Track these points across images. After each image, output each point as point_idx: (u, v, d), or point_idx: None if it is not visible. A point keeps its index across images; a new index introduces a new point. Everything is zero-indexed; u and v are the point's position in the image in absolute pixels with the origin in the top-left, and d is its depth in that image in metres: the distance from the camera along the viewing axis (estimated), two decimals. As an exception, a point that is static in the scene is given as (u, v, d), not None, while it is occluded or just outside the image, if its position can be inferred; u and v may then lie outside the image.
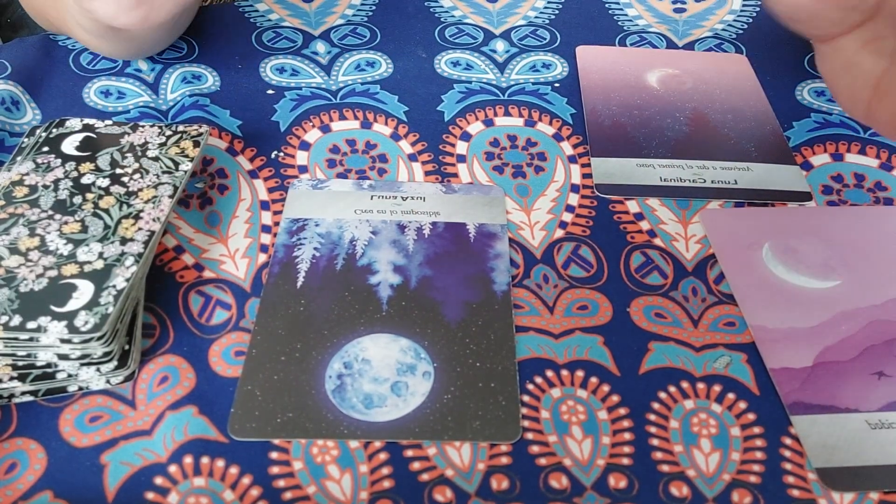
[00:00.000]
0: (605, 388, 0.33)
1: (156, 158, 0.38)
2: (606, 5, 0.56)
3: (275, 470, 0.30)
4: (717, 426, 0.32)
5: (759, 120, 0.47)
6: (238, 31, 0.51)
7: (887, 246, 0.39)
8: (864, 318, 0.36)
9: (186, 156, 0.38)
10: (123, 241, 0.33)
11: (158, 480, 0.30)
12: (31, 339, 0.30)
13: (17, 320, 0.30)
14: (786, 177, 0.43)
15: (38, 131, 0.39)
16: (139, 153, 0.38)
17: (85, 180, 0.36)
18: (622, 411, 0.33)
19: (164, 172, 0.37)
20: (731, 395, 0.33)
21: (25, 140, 0.39)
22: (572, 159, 0.44)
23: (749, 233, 0.40)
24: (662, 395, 0.33)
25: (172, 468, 0.30)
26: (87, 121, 0.40)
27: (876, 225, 0.41)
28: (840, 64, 0.32)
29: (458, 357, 0.34)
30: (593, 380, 0.34)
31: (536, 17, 0.54)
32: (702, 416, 0.33)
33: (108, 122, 0.40)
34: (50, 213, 0.34)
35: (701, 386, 0.34)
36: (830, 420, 0.32)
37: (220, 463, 0.30)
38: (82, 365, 0.31)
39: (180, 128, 0.40)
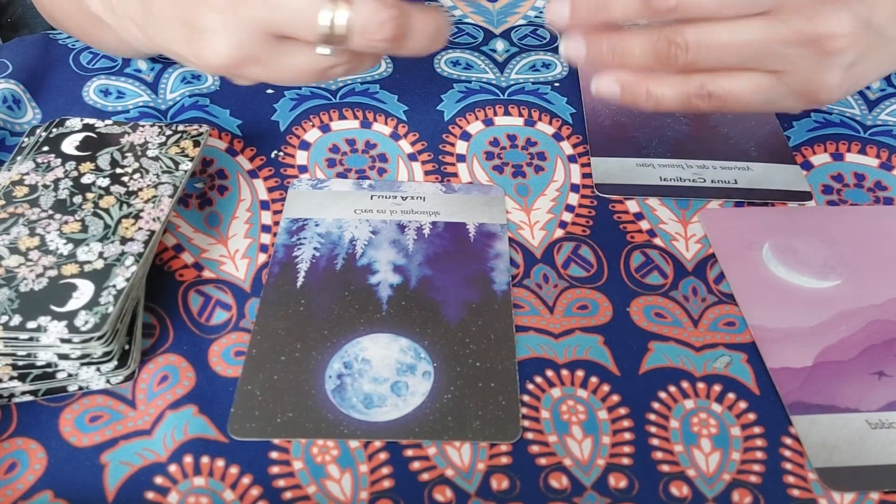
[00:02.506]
0: (605, 387, 0.33)
1: (156, 158, 0.38)
2: (606, 5, 0.55)
3: (275, 470, 0.30)
4: (718, 426, 0.32)
5: (759, 120, 0.47)
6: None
7: (887, 246, 0.39)
8: (864, 318, 0.36)
9: (186, 155, 0.38)
10: (123, 240, 0.33)
11: (158, 480, 0.30)
12: (31, 339, 0.30)
13: (17, 320, 0.30)
14: (786, 176, 0.43)
15: (38, 131, 0.39)
16: (139, 153, 0.38)
17: (85, 180, 0.36)
18: (622, 411, 0.33)
19: (164, 172, 0.37)
20: (731, 395, 0.33)
21: (25, 140, 0.39)
22: (572, 159, 0.44)
23: (749, 233, 0.40)
24: (662, 394, 0.33)
25: (172, 468, 0.30)
26: (87, 120, 0.40)
27: (876, 225, 0.41)
28: None
29: (458, 357, 0.34)
30: (593, 380, 0.34)
31: (537, 17, 0.54)
32: (702, 415, 0.33)
33: (109, 121, 0.40)
34: (50, 212, 0.34)
35: (701, 386, 0.34)
36: (830, 420, 0.32)
37: (220, 462, 0.30)
38: (82, 364, 0.31)
39: (180, 127, 0.40)
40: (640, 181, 0.42)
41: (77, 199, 0.35)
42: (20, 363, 0.31)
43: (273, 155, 0.43)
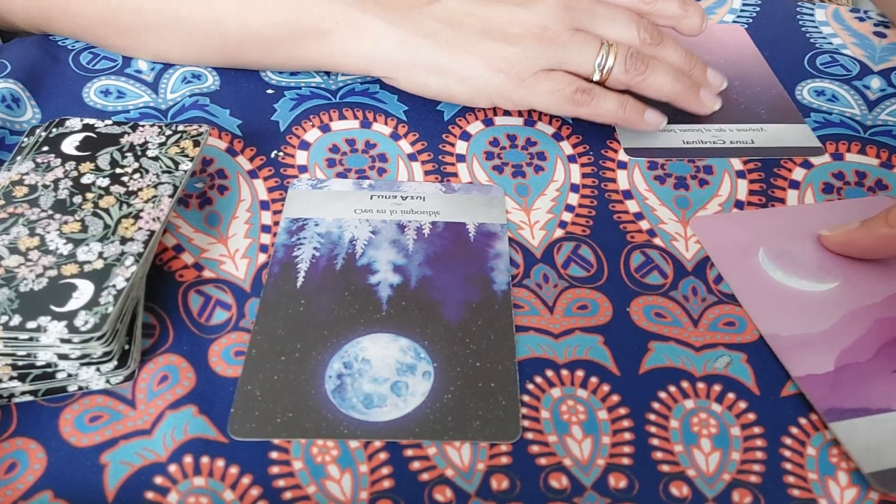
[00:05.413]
0: (605, 387, 0.33)
1: (156, 158, 0.38)
2: (606, 5, 0.55)
3: (275, 470, 0.30)
4: (718, 426, 0.32)
5: (765, 84, 0.49)
6: (238, 30, 0.51)
7: None
8: (869, 317, 0.36)
9: (186, 155, 0.38)
10: (123, 240, 0.33)
11: (158, 480, 0.30)
12: (30, 339, 0.30)
13: (16, 320, 0.30)
14: (796, 134, 0.46)
15: (37, 131, 0.39)
16: (139, 153, 0.38)
17: (85, 180, 0.36)
18: (622, 411, 0.33)
19: (164, 172, 0.37)
20: (731, 395, 0.33)
21: (25, 139, 0.39)
22: (572, 159, 0.44)
23: (742, 238, 0.40)
24: (662, 394, 0.33)
25: (172, 468, 0.30)
26: (87, 120, 0.40)
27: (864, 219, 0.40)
28: None
29: (458, 357, 0.34)
30: (593, 379, 0.34)
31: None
32: (702, 415, 0.33)
33: (108, 121, 0.40)
34: (50, 212, 0.34)
35: (701, 386, 0.34)
36: (868, 422, 0.32)
37: (220, 463, 0.30)
38: (82, 365, 0.31)
39: (180, 127, 0.40)
40: (664, 145, 0.45)
41: (77, 199, 0.35)
42: (20, 363, 0.31)
43: (273, 155, 0.43)
